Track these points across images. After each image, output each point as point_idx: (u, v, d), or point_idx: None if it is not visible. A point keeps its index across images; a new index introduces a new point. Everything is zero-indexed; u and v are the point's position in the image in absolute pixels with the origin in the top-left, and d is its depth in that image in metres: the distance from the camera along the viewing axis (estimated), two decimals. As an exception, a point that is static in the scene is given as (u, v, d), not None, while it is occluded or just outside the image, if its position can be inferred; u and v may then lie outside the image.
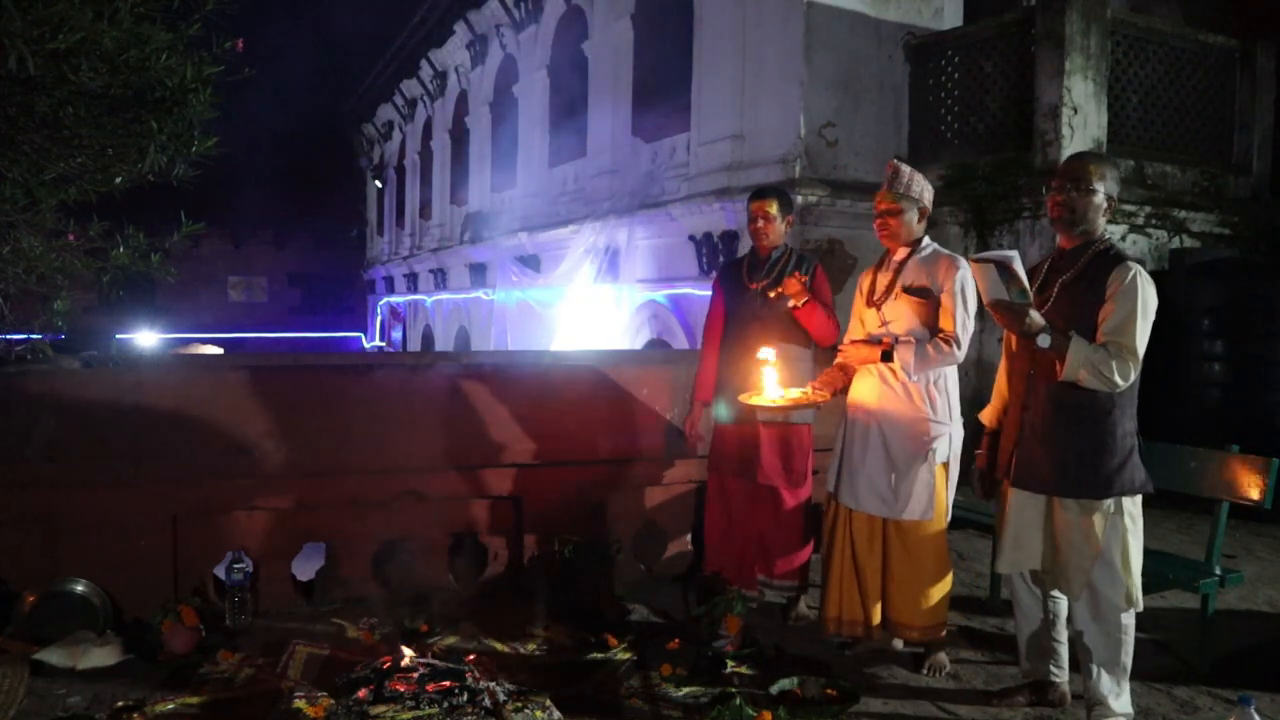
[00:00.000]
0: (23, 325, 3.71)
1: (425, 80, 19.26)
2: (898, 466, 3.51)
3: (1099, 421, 2.90)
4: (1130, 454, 2.93)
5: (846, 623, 3.65)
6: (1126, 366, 2.79)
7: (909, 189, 3.55)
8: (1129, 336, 2.80)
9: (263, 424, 3.95)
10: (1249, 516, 5.84)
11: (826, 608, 3.70)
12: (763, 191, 4.09)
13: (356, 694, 3.05)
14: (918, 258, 3.55)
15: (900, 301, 3.51)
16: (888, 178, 3.57)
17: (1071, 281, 2.96)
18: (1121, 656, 2.97)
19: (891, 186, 3.54)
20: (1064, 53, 7.00)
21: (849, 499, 3.61)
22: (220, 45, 3.24)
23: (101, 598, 3.69)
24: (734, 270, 4.22)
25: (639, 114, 11.03)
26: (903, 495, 3.49)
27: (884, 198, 3.56)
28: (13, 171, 3.17)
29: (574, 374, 4.65)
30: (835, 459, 3.73)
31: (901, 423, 3.51)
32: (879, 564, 3.59)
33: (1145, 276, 2.86)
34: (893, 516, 3.53)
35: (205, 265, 27.18)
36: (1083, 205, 2.95)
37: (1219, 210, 7.89)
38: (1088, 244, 2.99)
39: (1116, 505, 2.92)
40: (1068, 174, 2.98)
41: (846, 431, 3.68)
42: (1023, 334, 2.88)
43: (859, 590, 3.62)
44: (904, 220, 3.54)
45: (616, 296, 10.69)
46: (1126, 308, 2.82)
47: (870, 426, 3.56)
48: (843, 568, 3.65)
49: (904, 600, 3.55)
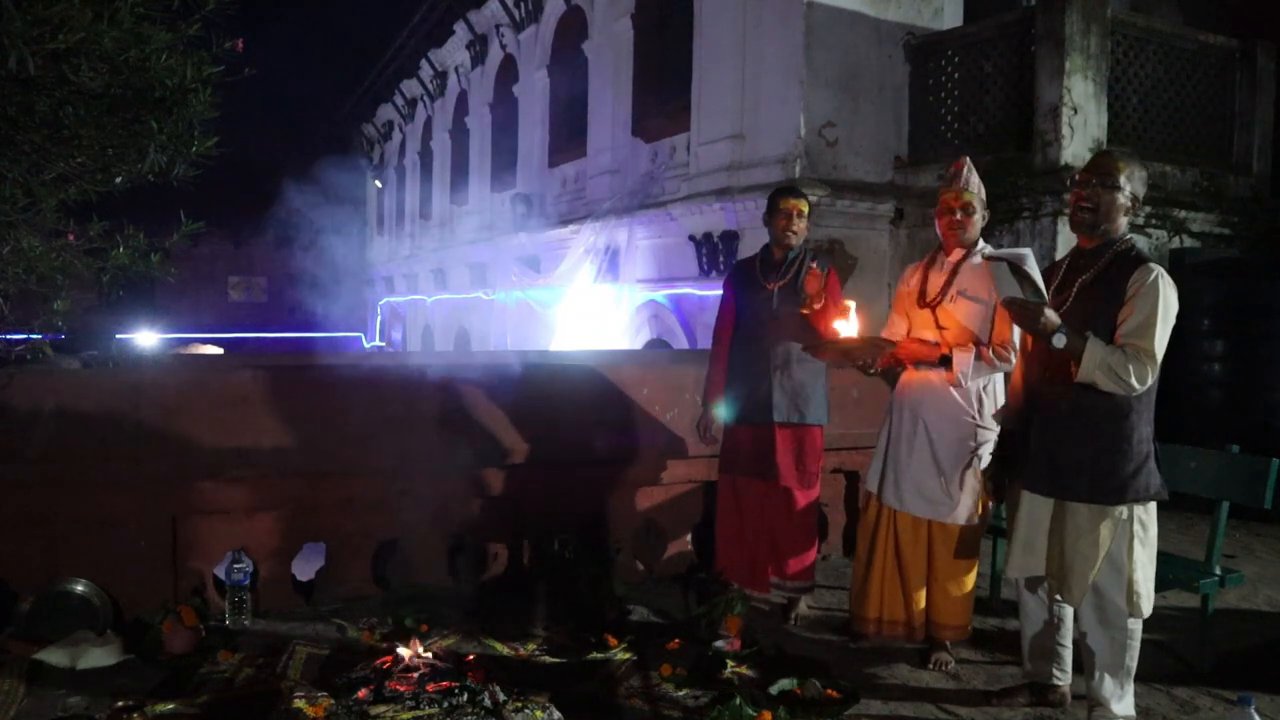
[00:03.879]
0: (23, 325, 3.71)
1: (425, 80, 19.26)
2: (945, 470, 3.48)
3: (1115, 425, 2.84)
4: (1146, 460, 2.86)
5: (888, 623, 3.63)
6: (1144, 369, 2.73)
7: (979, 189, 3.52)
8: (1148, 339, 2.74)
9: (263, 424, 3.95)
10: (1249, 516, 5.85)
11: (865, 609, 3.67)
12: (793, 190, 4.05)
13: (356, 694, 3.05)
14: (973, 261, 3.49)
15: (957, 305, 3.46)
16: (959, 175, 3.51)
17: (1091, 282, 2.89)
18: (1126, 660, 2.94)
19: (966, 185, 3.49)
20: (1064, 53, 7.00)
21: (893, 500, 3.59)
22: (220, 45, 3.24)
23: (101, 598, 3.69)
24: (746, 270, 4.17)
25: (639, 114, 11.03)
26: (951, 499, 3.48)
27: (958, 195, 3.49)
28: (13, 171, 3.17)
29: (574, 374, 4.65)
30: (878, 458, 3.69)
31: (949, 425, 3.48)
32: (923, 564, 3.57)
33: (1167, 279, 2.80)
34: (940, 519, 3.51)
35: (205, 265, 27.14)
36: (1106, 202, 2.87)
37: (1219, 210, 7.89)
38: (1108, 244, 2.91)
39: (1128, 512, 2.86)
40: (1094, 169, 2.90)
41: (891, 431, 3.64)
42: (1037, 333, 2.82)
43: (902, 591, 3.60)
44: (975, 220, 3.51)
45: (616, 296, 10.69)
46: (1147, 310, 2.76)
47: (917, 427, 3.54)
48: (885, 569, 3.61)
49: (945, 600, 3.55)
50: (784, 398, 3.95)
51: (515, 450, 4.32)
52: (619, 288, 10.67)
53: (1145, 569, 2.90)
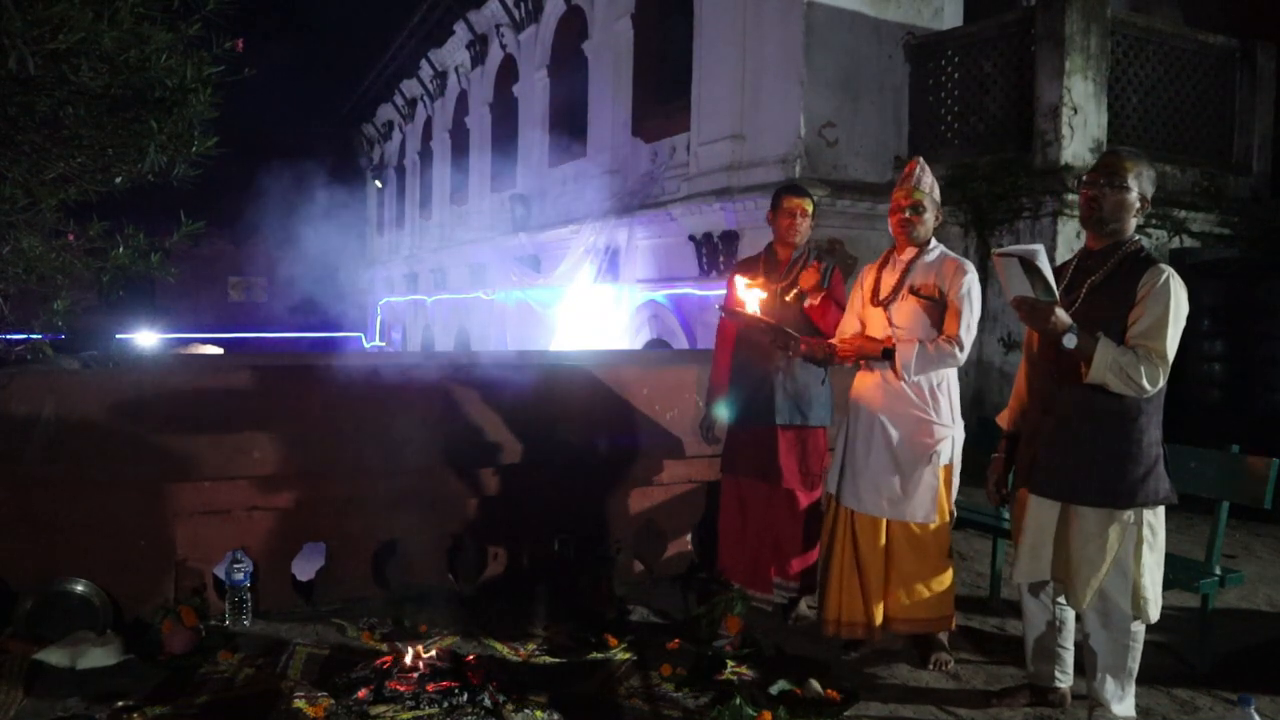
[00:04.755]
0: (23, 325, 3.71)
1: (425, 80, 19.27)
2: (902, 468, 3.49)
3: (1125, 427, 2.81)
4: (1155, 463, 2.84)
5: (846, 624, 3.64)
6: (1155, 371, 2.72)
7: (932, 189, 3.53)
8: (1159, 341, 2.73)
9: (263, 424, 3.95)
10: (1249, 516, 5.84)
11: (826, 609, 3.68)
12: (797, 189, 4.05)
13: (356, 694, 3.05)
14: (925, 259, 3.53)
15: (908, 303, 3.49)
16: (911, 175, 3.52)
17: (1101, 283, 2.87)
18: (1129, 662, 2.93)
19: (918, 184, 3.50)
20: (1064, 53, 7.00)
21: (851, 500, 3.60)
22: (220, 45, 3.24)
23: (101, 598, 3.69)
24: (749, 269, 4.15)
25: (639, 114, 11.03)
26: (908, 497, 3.48)
27: (909, 194, 3.50)
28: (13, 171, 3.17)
29: (574, 374, 4.65)
30: (837, 459, 3.71)
31: (905, 425, 3.49)
32: (882, 565, 3.57)
33: (1178, 280, 2.79)
34: (897, 518, 3.52)
35: (205, 265, 27.13)
36: (1113, 202, 2.85)
37: (1219, 210, 7.89)
38: (1117, 245, 2.90)
39: (1136, 516, 2.84)
40: (1102, 168, 2.89)
41: (849, 432, 3.66)
42: (1047, 333, 2.80)
43: (861, 591, 3.60)
44: (925, 219, 3.52)
45: (616, 296, 10.69)
46: (1158, 311, 2.75)
47: (874, 428, 3.55)
48: (843, 569, 3.63)
49: (907, 596, 3.54)
50: (786, 400, 3.94)
51: (515, 450, 4.32)
52: (619, 288, 10.67)
53: (1153, 574, 2.87)
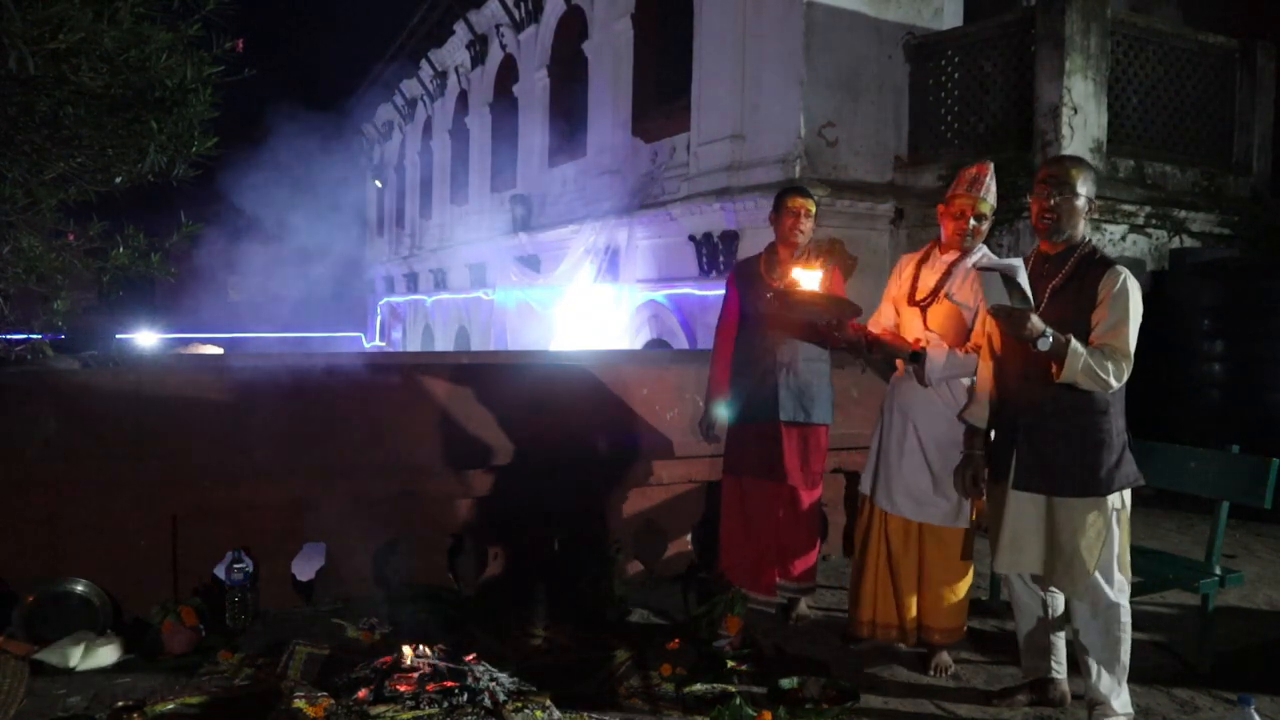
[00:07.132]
0: (23, 325, 3.72)
1: (425, 80, 19.25)
2: (935, 472, 3.49)
3: (1097, 421, 2.97)
4: (1124, 450, 3.02)
5: (881, 626, 3.64)
6: (1121, 368, 2.89)
7: (995, 199, 3.51)
8: (1123, 340, 2.89)
9: (262, 423, 3.95)
10: (1249, 516, 5.84)
11: (859, 611, 3.69)
12: (800, 189, 4.06)
13: (356, 694, 3.05)
14: (965, 264, 3.50)
15: (944, 307, 3.48)
16: (980, 182, 3.46)
17: (1061, 286, 3.02)
18: (1120, 654, 3.01)
19: (985, 194, 3.46)
20: (1064, 53, 7.00)
21: (884, 501, 3.60)
22: (220, 45, 3.24)
23: (101, 598, 3.69)
24: (751, 269, 4.16)
25: (639, 114, 11.03)
26: (941, 501, 3.48)
27: (975, 204, 3.45)
28: (13, 171, 3.18)
29: (574, 374, 4.65)
30: (871, 460, 3.71)
31: (939, 428, 3.49)
32: (914, 567, 3.58)
33: (1133, 280, 2.96)
34: (930, 522, 3.52)
35: (205, 265, 27.13)
36: (1067, 209, 3.00)
37: (1219, 210, 7.89)
38: (1071, 248, 3.04)
39: (1114, 500, 2.99)
40: (1052, 179, 3.02)
41: (883, 433, 3.66)
42: (1023, 339, 2.91)
43: (894, 593, 3.61)
44: (984, 230, 3.52)
45: (616, 296, 10.69)
46: (1119, 312, 2.90)
47: (908, 429, 3.55)
48: (878, 571, 3.63)
49: (936, 603, 3.55)
50: (790, 396, 3.94)
51: (515, 450, 4.32)
52: (619, 288, 10.67)
53: (1124, 545, 3.06)
